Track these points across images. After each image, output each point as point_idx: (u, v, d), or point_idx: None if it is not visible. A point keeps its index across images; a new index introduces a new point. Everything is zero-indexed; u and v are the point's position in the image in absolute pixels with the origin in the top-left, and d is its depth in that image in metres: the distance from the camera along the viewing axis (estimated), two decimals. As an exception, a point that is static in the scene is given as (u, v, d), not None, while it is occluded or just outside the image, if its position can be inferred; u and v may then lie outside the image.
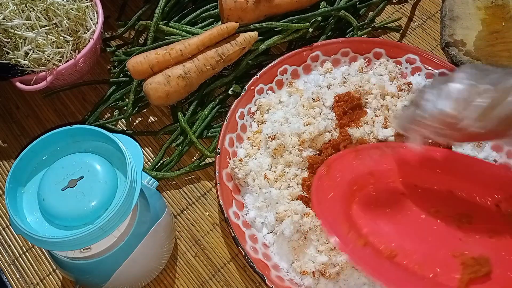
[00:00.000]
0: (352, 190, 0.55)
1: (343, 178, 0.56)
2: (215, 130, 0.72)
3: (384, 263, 0.50)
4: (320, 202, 0.54)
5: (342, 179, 0.56)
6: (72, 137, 0.51)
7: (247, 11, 0.70)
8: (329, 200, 0.54)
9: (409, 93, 0.67)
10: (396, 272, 0.50)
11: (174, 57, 0.67)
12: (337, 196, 0.55)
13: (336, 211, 0.54)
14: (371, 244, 0.52)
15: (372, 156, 0.58)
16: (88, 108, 0.75)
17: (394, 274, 0.49)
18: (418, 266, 0.50)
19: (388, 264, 0.50)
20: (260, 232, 0.62)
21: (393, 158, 0.58)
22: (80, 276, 0.55)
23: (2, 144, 0.73)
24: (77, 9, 0.67)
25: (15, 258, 0.65)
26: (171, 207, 0.68)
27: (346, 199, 0.55)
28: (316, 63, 0.73)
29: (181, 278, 0.63)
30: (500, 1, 0.82)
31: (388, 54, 0.73)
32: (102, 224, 0.45)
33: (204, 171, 0.70)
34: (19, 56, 0.64)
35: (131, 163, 0.48)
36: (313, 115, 0.65)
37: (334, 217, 0.53)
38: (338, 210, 0.54)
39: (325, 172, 0.56)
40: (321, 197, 0.54)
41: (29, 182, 0.50)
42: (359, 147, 0.59)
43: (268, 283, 0.56)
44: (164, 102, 0.68)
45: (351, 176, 0.56)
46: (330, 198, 0.54)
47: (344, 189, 0.55)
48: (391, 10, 0.85)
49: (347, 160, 0.58)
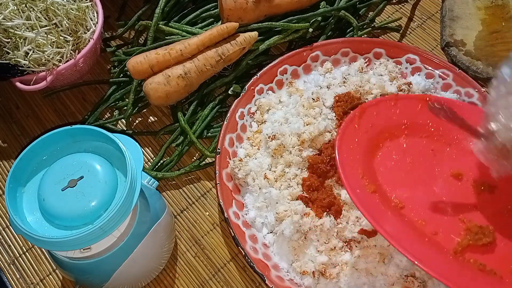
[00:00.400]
0: (382, 138, 0.55)
1: (375, 124, 0.56)
2: (215, 130, 0.72)
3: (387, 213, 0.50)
4: (343, 142, 0.53)
5: (373, 125, 0.56)
6: (72, 137, 0.51)
7: (247, 11, 0.70)
8: (354, 142, 0.54)
9: (409, 93, 0.67)
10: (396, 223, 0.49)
11: (174, 57, 0.67)
12: (363, 140, 0.54)
13: (356, 154, 0.53)
14: (382, 192, 0.51)
15: (411, 107, 0.57)
16: (88, 108, 0.75)
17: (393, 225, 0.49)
18: (423, 221, 0.50)
19: (391, 215, 0.50)
20: (260, 232, 0.62)
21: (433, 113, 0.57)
22: (80, 276, 0.55)
23: (2, 144, 0.73)
24: (77, 9, 0.67)
25: (15, 258, 0.65)
26: (171, 207, 0.68)
27: (372, 146, 0.54)
28: (316, 63, 0.73)
29: (181, 278, 0.63)
30: (500, 1, 0.82)
31: (388, 54, 0.73)
32: (102, 224, 0.45)
33: (204, 171, 0.70)
34: (19, 56, 0.64)
35: (131, 163, 0.48)
36: (313, 115, 0.65)
37: (352, 159, 0.52)
38: (358, 154, 0.53)
39: (358, 115, 0.55)
40: (346, 138, 0.54)
41: (29, 182, 0.50)
42: (400, 96, 0.58)
43: (268, 283, 0.56)
44: (164, 102, 0.68)
45: (383, 123, 0.56)
46: (355, 141, 0.54)
47: (372, 135, 0.55)
48: (391, 10, 0.85)
49: (384, 106, 0.57)
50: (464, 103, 0.65)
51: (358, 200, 0.48)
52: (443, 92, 0.70)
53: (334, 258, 0.56)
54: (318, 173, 0.60)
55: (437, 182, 0.54)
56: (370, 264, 0.56)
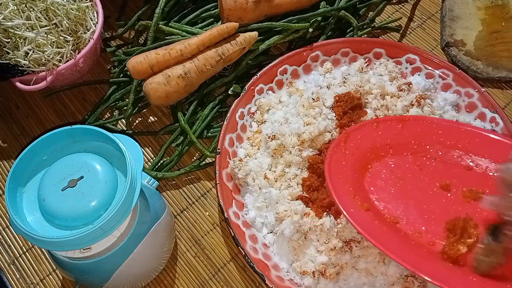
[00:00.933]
0: (369, 159, 0.57)
1: (360, 146, 0.58)
2: (215, 130, 0.72)
3: (383, 228, 0.52)
4: (332, 167, 0.55)
5: (359, 148, 0.58)
6: (72, 137, 0.51)
7: (247, 11, 0.70)
8: (342, 165, 0.56)
9: (409, 93, 0.67)
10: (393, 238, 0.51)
11: (174, 57, 0.67)
12: (351, 163, 0.57)
13: (346, 177, 0.55)
14: (375, 209, 0.53)
15: (392, 128, 0.60)
16: (88, 108, 0.75)
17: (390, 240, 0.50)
18: (419, 234, 0.52)
19: (387, 230, 0.52)
20: (260, 232, 0.62)
21: (413, 130, 0.60)
22: (80, 276, 0.55)
23: (2, 144, 0.73)
24: (77, 9, 0.67)
25: (15, 258, 0.65)
26: (171, 207, 0.68)
27: (360, 167, 0.57)
28: (316, 63, 0.73)
29: (181, 278, 0.63)
30: (500, 1, 0.83)
31: (388, 54, 0.73)
32: (102, 224, 0.45)
33: (204, 171, 0.70)
34: (19, 56, 0.64)
35: (131, 163, 0.48)
36: (313, 115, 0.65)
37: (343, 181, 0.55)
38: (348, 176, 0.55)
39: (344, 140, 0.58)
40: (335, 161, 0.56)
41: (29, 182, 0.50)
42: (380, 119, 0.61)
43: (268, 283, 0.56)
44: (164, 102, 0.68)
45: (368, 145, 0.58)
46: (343, 163, 0.56)
47: (359, 157, 0.57)
48: (391, 10, 0.85)
49: (367, 130, 0.60)
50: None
51: (353, 219, 0.50)
52: (443, 92, 0.70)
53: (334, 258, 0.56)
54: (318, 173, 0.60)
55: (427, 195, 0.56)
56: (370, 264, 0.56)
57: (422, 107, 0.65)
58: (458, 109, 0.70)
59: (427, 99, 0.66)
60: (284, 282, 0.57)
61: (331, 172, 0.55)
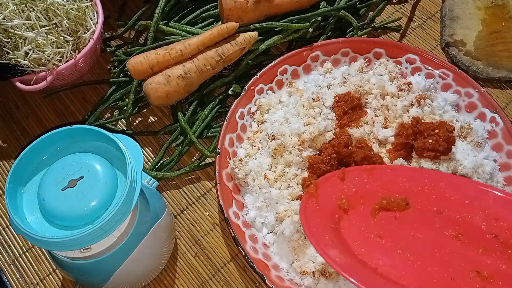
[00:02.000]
0: (341, 209, 0.57)
1: (330, 197, 0.57)
2: (215, 130, 0.72)
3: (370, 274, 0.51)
4: (307, 219, 0.55)
5: (329, 199, 0.57)
6: (72, 137, 0.51)
7: (247, 11, 0.70)
8: (316, 216, 0.56)
9: (409, 93, 0.67)
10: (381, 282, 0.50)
11: (174, 57, 0.67)
12: (324, 213, 0.56)
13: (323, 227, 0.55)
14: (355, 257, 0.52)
15: (359, 177, 0.59)
16: (88, 108, 0.75)
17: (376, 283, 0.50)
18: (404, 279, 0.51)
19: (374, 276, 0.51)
20: (260, 232, 0.62)
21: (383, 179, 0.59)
22: (80, 276, 0.55)
23: (2, 144, 0.73)
24: (77, 9, 0.67)
25: (15, 258, 0.65)
26: (171, 207, 0.68)
27: (333, 217, 0.56)
28: (316, 63, 0.73)
29: (181, 278, 0.63)
30: (500, 1, 0.83)
31: (388, 54, 0.73)
32: (102, 224, 0.45)
33: (204, 171, 0.70)
34: (19, 56, 0.64)
35: (131, 163, 0.48)
36: (313, 115, 0.65)
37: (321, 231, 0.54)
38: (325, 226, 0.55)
39: (314, 191, 0.58)
40: (308, 213, 0.56)
41: (29, 182, 0.50)
42: (347, 169, 0.60)
43: (268, 283, 0.56)
44: (164, 102, 0.68)
45: (337, 196, 0.58)
46: (317, 215, 0.56)
47: (331, 207, 0.57)
48: (391, 10, 0.85)
49: (333, 181, 0.59)
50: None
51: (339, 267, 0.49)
52: (443, 92, 0.70)
53: (334, 258, 0.56)
54: (318, 173, 0.60)
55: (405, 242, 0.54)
56: (370, 264, 0.56)
57: (422, 107, 0.65)
58: (458, 109, 0.70)
59: (427, 99, 0.66)
60: (284, 282, 0.57)
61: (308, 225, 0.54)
